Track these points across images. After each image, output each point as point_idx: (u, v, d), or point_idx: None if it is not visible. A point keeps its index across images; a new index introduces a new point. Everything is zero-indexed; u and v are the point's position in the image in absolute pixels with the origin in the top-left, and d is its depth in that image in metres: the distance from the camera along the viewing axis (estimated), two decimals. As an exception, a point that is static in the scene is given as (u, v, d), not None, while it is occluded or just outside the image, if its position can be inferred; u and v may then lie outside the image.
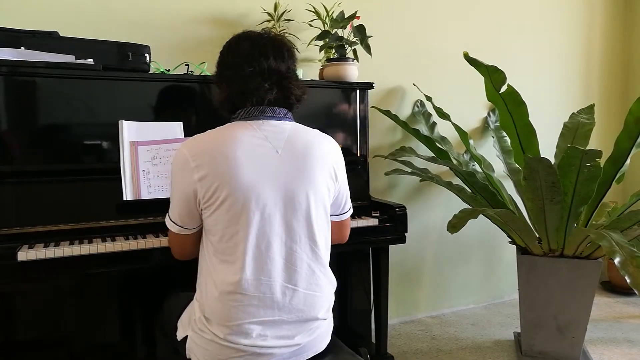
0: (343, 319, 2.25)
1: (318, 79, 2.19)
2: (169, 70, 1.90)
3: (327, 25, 2.17)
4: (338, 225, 1.39)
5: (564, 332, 2.16)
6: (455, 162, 2.51)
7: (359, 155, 2.15)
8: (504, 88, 2.13)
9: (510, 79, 2.12)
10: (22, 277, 1.40)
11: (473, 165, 2.62)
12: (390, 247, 2.03)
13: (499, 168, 2.59)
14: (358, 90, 2.12)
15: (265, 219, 1.14)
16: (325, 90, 2.08)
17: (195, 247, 1.27)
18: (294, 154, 1.19)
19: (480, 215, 2.04)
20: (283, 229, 1.16)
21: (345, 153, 2.10)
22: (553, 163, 1.85)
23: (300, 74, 2.04)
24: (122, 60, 1.72)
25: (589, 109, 2.57)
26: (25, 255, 1.39)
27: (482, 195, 2.39)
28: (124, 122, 1.66)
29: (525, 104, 2.19)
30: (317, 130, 1.28)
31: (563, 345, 2.17)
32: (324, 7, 2.21)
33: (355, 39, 2.13)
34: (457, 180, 2.54)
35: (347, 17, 2.13)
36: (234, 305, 1.14)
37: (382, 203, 2.07)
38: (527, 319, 2.23)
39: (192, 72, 1.93)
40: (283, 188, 1.16)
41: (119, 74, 1.71)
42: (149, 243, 1.54)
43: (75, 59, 1.64)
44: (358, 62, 2.15)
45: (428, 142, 2.52)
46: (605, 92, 3.35)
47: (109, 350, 1.81)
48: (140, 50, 1.75)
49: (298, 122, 1.28)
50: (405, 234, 2.00)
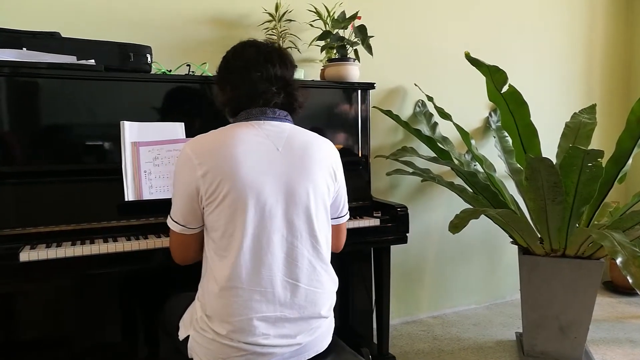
0: (345, 319, 2.25)
1: (319, 79, 2.19)
2: (171, 71, 1.90)
3: (328, 26, 2.17)
4: (335, 230, 1.39)
5: (566, 332, 2.16)
6: (457, 162, 2.51)
7: (361, 156, 2.15)
8: (506, 88, 2.13)
9: (512, 79, 2.12)
10: (24, 277, 1.40)
11: (475, 166, 2.62)
12: (392, 247, 2.03)
13: (501, 168, 2.59)
14: (359, 91, 2.12)
15: (266, 214, 1.15)
16: (327, 91, 2.08)
17: (197, 250, 1.28)
18: (294, 152, 1.21)
19: (482, 216, 2.04)
20: (284, 224, 1.18)
21: (347, 153, 2.13)
22: (555, 163, 1.85)
23: (302, 75, 2.05)
24: (123, 61, 1.72)
25: (591, 109, 2.56)
26: (28, 256, 1.39)
27: (483, 196, 2.39)
28: (126, 122, 1.67)
29: (527, 104, 2.19)
30: (315, 133, 1.31)
31: (565, 346, 2.17)
32: (325, 7, 2.21)
33: (357, 39, 2.13)
34: (458, 181, 2.54)
35: (348, 17, 2.13)
36: (235, 301, 1.14)
37: (383, 203, 2.07)
38: (529, 319, 2.23)
39: (193, 72, 1.94)
40: (284, 184, 1.18)
41: (121, 75, 1.71)
42: (151, 244, 1.54)
43: (77, 60, 1.64)
44: (359, 62, 2.15)
45: (429, 142, 2.51)
46: (607, 91, 3.34)
47: (111, 351, 1.81)
48: (142, 51, 1.75)
49: (300, 122, 1.32)
50: (407, 234, 2.00)
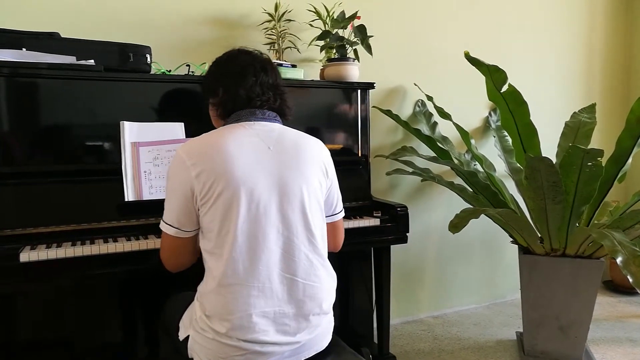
0: (345, 319, 2.25)
1: (319, 79, 2.19)
2: (170, 71, 1.90)
3: (327, 26, 2.17)
4: (331, 228, 1.39)
5: (567, 331, 2.16)
6: (457, 161, 2.51)
7: (360, 155, 2.15)
8: (505, 87, 2.13)
9: (511, 79, 2.12)
10: (24, 277, 1.41)
11: (474, 165, 2.62)
12: (392, 247, 2.03)
13: (501, 168, 2.59)
14: (359, 90, 2.12)
15: (261, 210, 1.16)
16: (327, 91, 2.08)
17: (189, 256, 1.28)
18: (285, 150, 1.23)
19: (482, 215, 2.04)
20: (279, 220, 1.19)
21: (347, 153, 2.13)
22: (554, 162, 1.85)
23: (302, 75, 2.05)
24: (123, 61, 1.72)
25: (591, 108, 2.56)
26: (28, 256, 1.40)
27: (483, 195, 2.39)
28: (126, 122, 1.67)
29: (527, 104, 2.19)
30: (304, 133, 1.34)
31: (565, 345, 2.17)
32: (325, 7, 2.21)
33: (356, 39, 2.13)
34: (458, 180, 2.54)
35: (347, 17, 2.13)
36: (234, 297, 1.15)
37: (383, 203, 2.07)
38: (529, 319, 2.23)
39: (193, 72, 1.93)
40: (277, 180, 1.19)
41: (120, 75, 1.71)
42: (151, 244, 1.54)
43: (77, 60, 1.64)
44: (359, 62, 2.15)
45: (429, 141, 2.51)
46: (607, 91, 3.34)
47: (111, 351, 1.81)
48: (141, 51, 1.75)
49: (300, 122, 1.35)
50: (407, 234, 2.00)
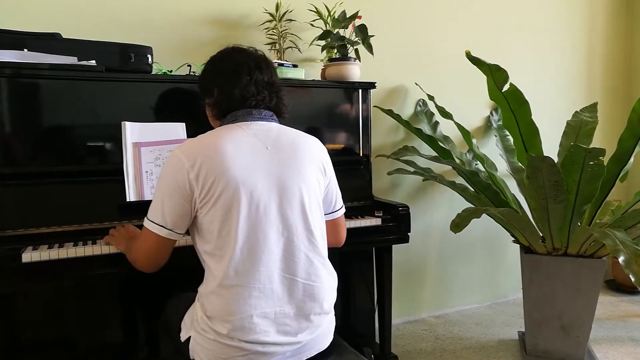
0: (346, 319, 2.25)
1: (320, 79, 2.19)
2: (171, 71, 1.90)
3: (328, 25, 2.17)
4: (332, 225, 1.39)
5: (569, 331, 2.16)
6: (458, 161, 2.51)
7: (362, 155, 2.15)
8: (507, 87, 2.13)
9: (512, 78, 2.11)
10: (26, 278, 1.41)
11: (476, 165, 2.62)
12: (394, 246, 2.03)
13: (502, 167, 2.59)
14: (360, 90, 2.12)
15: (261, 211, 1.16)
16: (328, 90, 2.08)
17: (168, 256, 1.27)
18: (283, 150, 1.23)
19: (484, 215, 2.04)
20: (279, 220, 1.18)
21: (348, 153, 2.13)
22: (556, 162, 1.84)
23: (303, 74, 2.05)
24: (124, 62, 1.72)
25: (592, 107, 2.56)
26: (30, 257, 1.40)
27: (485, 195, 2.39)
28: (127, 123, 1.66)
29: (528, 103, 2.18)
30: (301, 131, 1.33)
31: (567, 345, 2.17)
32: (326, 7, 2.21)
33: (357, 39, 2.13)
34: (460, 180, 2.54)
35: (348, 17, 2.12)
36: (235, 299, 1.14)
37: (385, 203, 2.07)
38: (531, 318, 2.23)
39: (194, 72, 1.93)
40: (276, 180, 1.19)
41: (122, 75, 1.71)
42: (152, 244, 1.54)
43: (78, 61, 1.64)
44: (360, 61, 2.15)
45: (431, 141, 2.51)
46: (608, 90, 3.33)
47: (112, 351, 1.82)
48: (143, 52, 1.75)
49: (300, 121, 1.34)
50: (409, 234, 2.00)
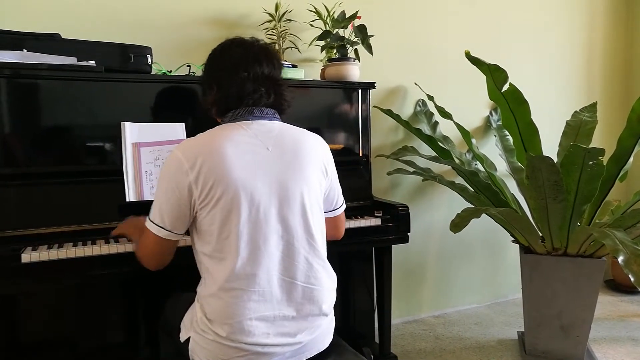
0: (346, 319, 2.25)
1: (320, 79, 2.19)
2: (171, 72, 1.90)
3: (328, 26, 2.17)
4: (333, 222, 1.40)
5: (568, 331, 2.16)
6: (458, 161, 2.51)
7: (361, 155, 2.15)
8: (506, 87, 2.13)
9: (512, 78, 2.11)
10: (25, 278, 1.41)
11: (475, 165, 2.62)
12: (393, 246, 2.03)
13: (502, 167, 2.59)
14: (360, 90, 2.12)
15: (261, 214, 1.15)
16: (327, 90, 2.08)
17: (172, 254, 1.27)
18: (284, 151, 1.21)
19: (483, 215, 2.04)
20: (279, 223, 1.18)
21: (348, 153, 2.13)
22: (556, 161, 1.84)
23: (302, 75, 2.05)
24: (124, 62, 1.72)
25: (592, 107, 2.56)
26: (29, 257, 1.40)
27: (484, 195, 2.39)
28: (126, 123, 1.67)
29: (527, 103, 2.18)
30: (304, 129, 1.31)
31: (567, 344, 2.17)
32: (325, 7, 2.21)
33: (357, 39, 2.13)
34: (459, 180, 2.54)
35: (348, 17, 2.13)
36: (234, 302, 1.14)
37: (384, 203, 2.07)
38: (530, 318, 2.23)
39: (193, 73, 1.93)
40: (276, 183, 1.17)
41: (121, 76, 1.71)
42: (152, 244, 1.54)
43: (77, 61, 1.64)
44: (359, 62, 2.15)
45: (430, 141, 2.51)
46: (608, 90, 3.34)
47: (111, 351, 1.81)
48: (142, 52, 1.76)
49: (300, 121, 1.32)
50: (408, 234, 2.00)
